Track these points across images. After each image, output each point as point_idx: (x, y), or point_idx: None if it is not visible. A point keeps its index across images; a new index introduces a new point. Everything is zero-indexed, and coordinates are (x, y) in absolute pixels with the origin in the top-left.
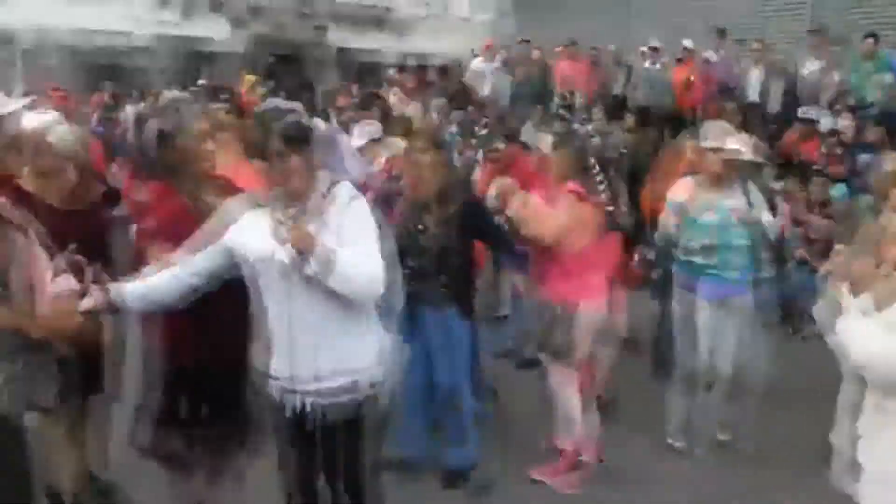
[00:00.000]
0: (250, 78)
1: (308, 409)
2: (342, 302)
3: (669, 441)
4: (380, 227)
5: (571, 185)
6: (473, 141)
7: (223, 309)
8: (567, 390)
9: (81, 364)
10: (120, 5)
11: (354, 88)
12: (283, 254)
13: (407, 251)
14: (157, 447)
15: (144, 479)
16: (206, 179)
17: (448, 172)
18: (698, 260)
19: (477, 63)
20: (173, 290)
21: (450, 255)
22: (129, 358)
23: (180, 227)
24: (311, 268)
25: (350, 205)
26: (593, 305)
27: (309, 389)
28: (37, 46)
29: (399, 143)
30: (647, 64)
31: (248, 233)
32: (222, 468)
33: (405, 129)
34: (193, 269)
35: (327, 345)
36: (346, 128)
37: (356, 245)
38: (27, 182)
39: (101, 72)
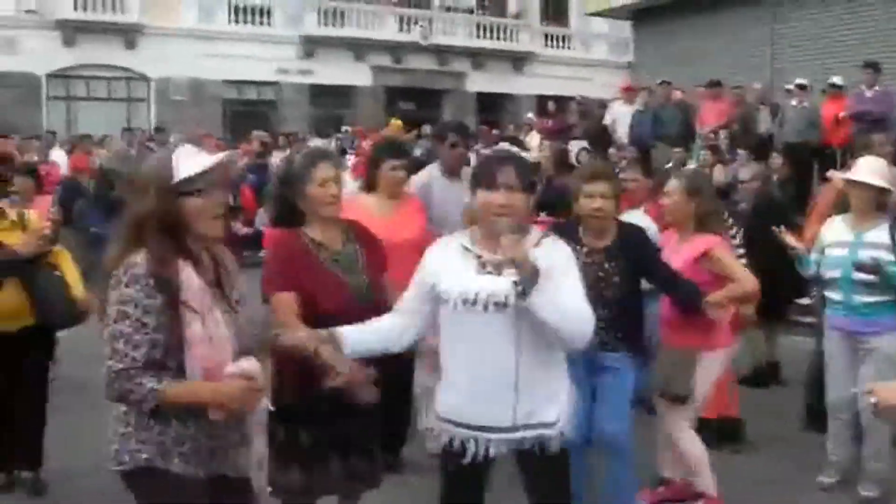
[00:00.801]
0: (397, 123)
1: (492, 455)
2: (541, 348)
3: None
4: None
5: (712, 233)
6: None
7: None
8: (687, 435)
9: None
10: (268, 57)
11: (493, 132)
12: (489, 293)
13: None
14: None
15: None
16: (331, 222)
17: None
18: (834, 296)
19: (617, 105)
20: (396, 334)
21: (630, 303)
22: None
23: (300, 270)
24: (526, 288)
25: (556, 247)
26: (719, 352)
27: (496, 438)
28: (191, 97)
29: None
30: (793, 102)
31: (453, 273)
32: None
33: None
34: (411, 312)
35: (522, 394)
36: None
37: (571, 293)
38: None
39: (251, 120)
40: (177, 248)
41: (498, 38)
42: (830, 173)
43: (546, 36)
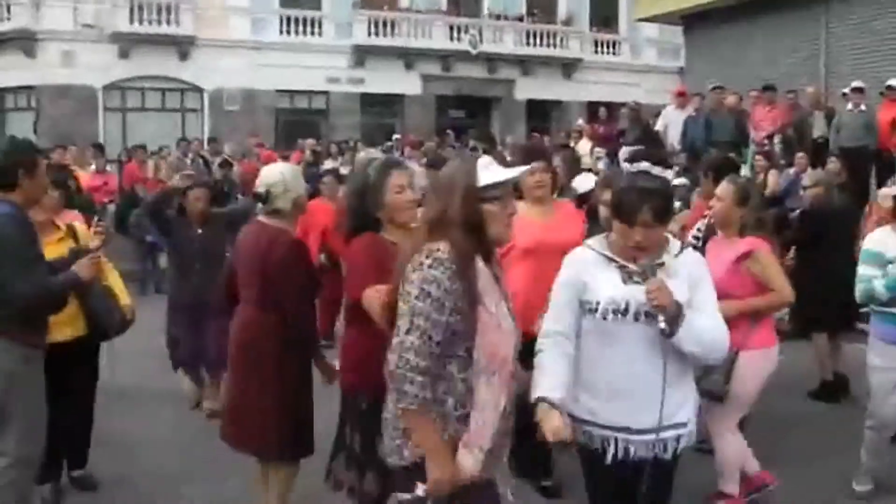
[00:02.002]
0: None
1: (632, 456)
2: (681, 355)
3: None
4: None
5: (756, 237)
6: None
7: None
8: (726, 436)
9: None
10: (318, 66)
11: (545, 139)
12: (640, 302)
13: None
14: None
15: None
16: (408, 228)
17: None
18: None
19: (669, 110)
20: (570, 362)
21: None
22: None
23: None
24: (666, 326)
25: (693, 258)
26: (757, 352)
27: (637, 439)
28: (243, 107)
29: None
30: (849, 106)
31: (599, 282)
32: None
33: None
34: (570, 327)
35: (668, 397)
36: None
37: (706, 307)
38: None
39: (302, 129)
40: (475, 244)
41: (547, 45)
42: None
43: (595, 42)
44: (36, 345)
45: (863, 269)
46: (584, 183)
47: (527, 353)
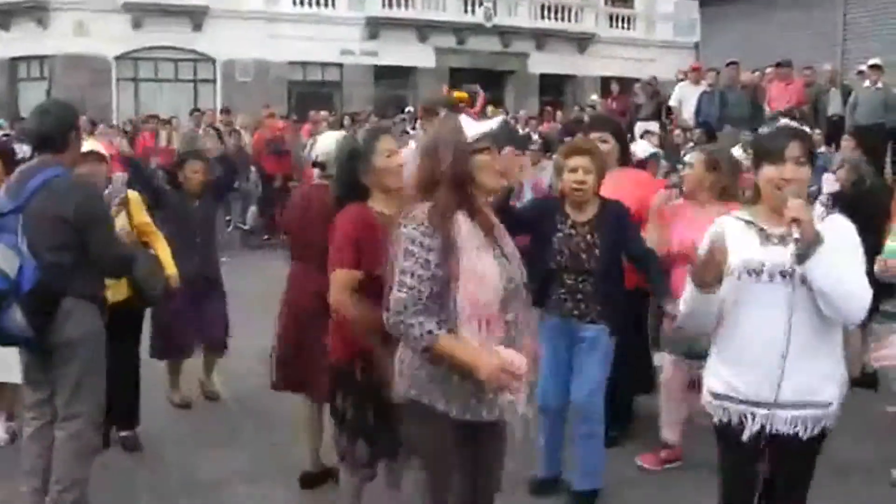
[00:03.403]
0: (461, 94)
1: (771, 431)
2: (826, 324)
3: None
4: None
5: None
6: (680, 166)
7: None
8: (674, 387)
9: None
10: (332, 38)
11: (558, 114)
12: (774, 262)
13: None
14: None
15: None
16: (393, 194)
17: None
18: None
19: (683, 86)
20: None
21: (611, 276)
22: None
23: (375, 242)
24: (805, 252)
25: (841, 224)
26: None
27: (775, 413)
28: (256, 78)
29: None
30: (866, 83)
31: (735, 244)
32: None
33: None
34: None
35: (808, 367)
36: None
37: (850, 267)
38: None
39: (315, 101)
40: (460, 199)
41: (561, 19)
42: None
43: (610, 16)
44: (104, 308)
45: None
46: (641, 149)
47: None
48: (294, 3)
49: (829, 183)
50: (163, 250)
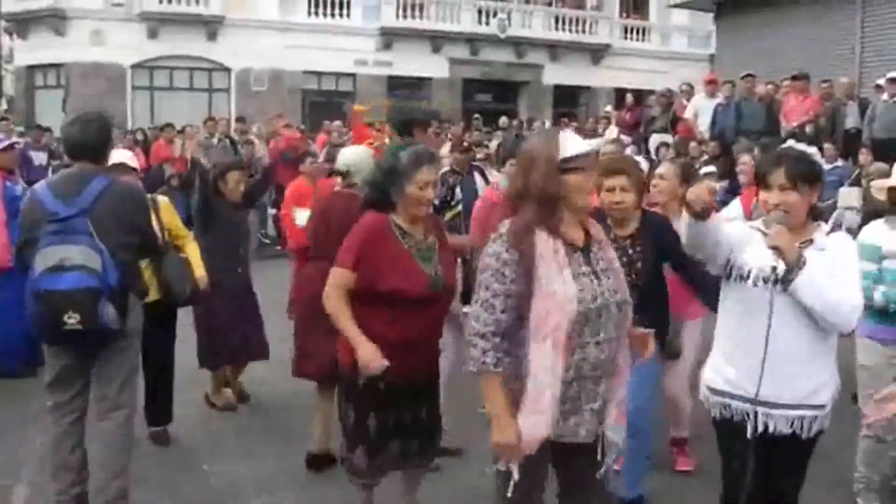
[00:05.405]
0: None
1: (772, 429)
2: (819, 328)
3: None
4: None
5: None
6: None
7: (424, 325)
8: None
9: None
10: (346, 49)
11: (571, 125)
12: (768, 268)
13: None
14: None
15: None
16: (419, 217)
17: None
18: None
19: (698, 98)
20: None
21: (655, 288)
22: None
23: (385, 252)
24: (786, 275)
25: (839, 237)
26: (697, 321)
27: (776, 413)
28: (270, 87)
29: None
30: (884, 96)
31: (748, 252)
32: (416, 478)
33: None
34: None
35: (806, 369)
36: None
37: (843, 278)
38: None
39: (329, 111)
40: (544, 216)
41: (576, 31)
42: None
43: (625, 28)
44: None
45: (861, 265)
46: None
47: None
48: (309, 13)
49: (845, 197)
50: (193, 253)
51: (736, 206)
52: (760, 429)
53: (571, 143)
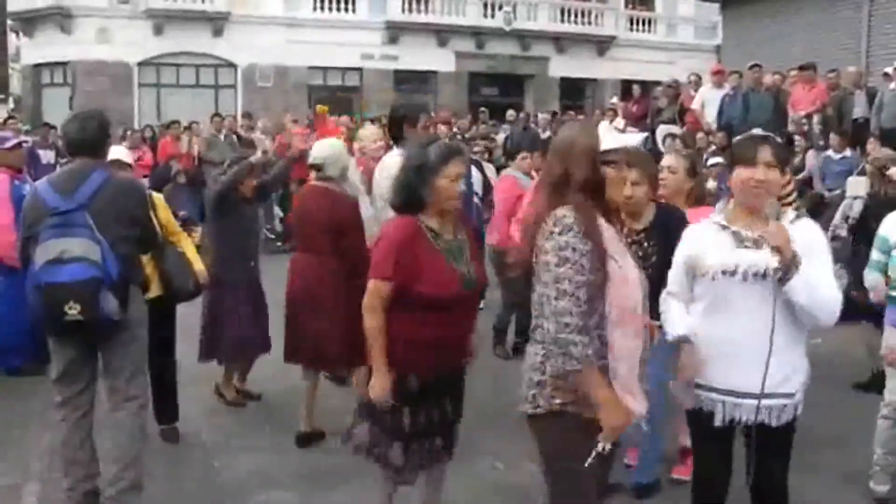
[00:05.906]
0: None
1: (744, 419)
2: (794, 320)
3: (871, 485)
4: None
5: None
6: (703, 170)
7: (457, 324)
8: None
9: None
10: (352, 43)
11: (578, 117)
12: (748, 264)
13: None
14: (379, 452)
15: None
16: (447, 214)
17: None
18: None
19: (705, 89)
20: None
21: None
22: None
23: (417, 255)
24: (786, 275)
25: (810, 227)
26: None
27: (745, 403)
28: (276, 83)
29: None
30: (892, 85)
31: (709, 248)
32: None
33: None
34: (683, 290)
35: (774, 362)
36: None
37: (820, 273)
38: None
39: (335, 106)
40: (595, 204)
41: (581, 23)
42: None
43: (631, 19)
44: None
45: (872, 254)
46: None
47: None
48: (314, 8)
49: (854, 186)
50: (189, 248)
51: None
52: (728, 419)
53: (608, 137)
